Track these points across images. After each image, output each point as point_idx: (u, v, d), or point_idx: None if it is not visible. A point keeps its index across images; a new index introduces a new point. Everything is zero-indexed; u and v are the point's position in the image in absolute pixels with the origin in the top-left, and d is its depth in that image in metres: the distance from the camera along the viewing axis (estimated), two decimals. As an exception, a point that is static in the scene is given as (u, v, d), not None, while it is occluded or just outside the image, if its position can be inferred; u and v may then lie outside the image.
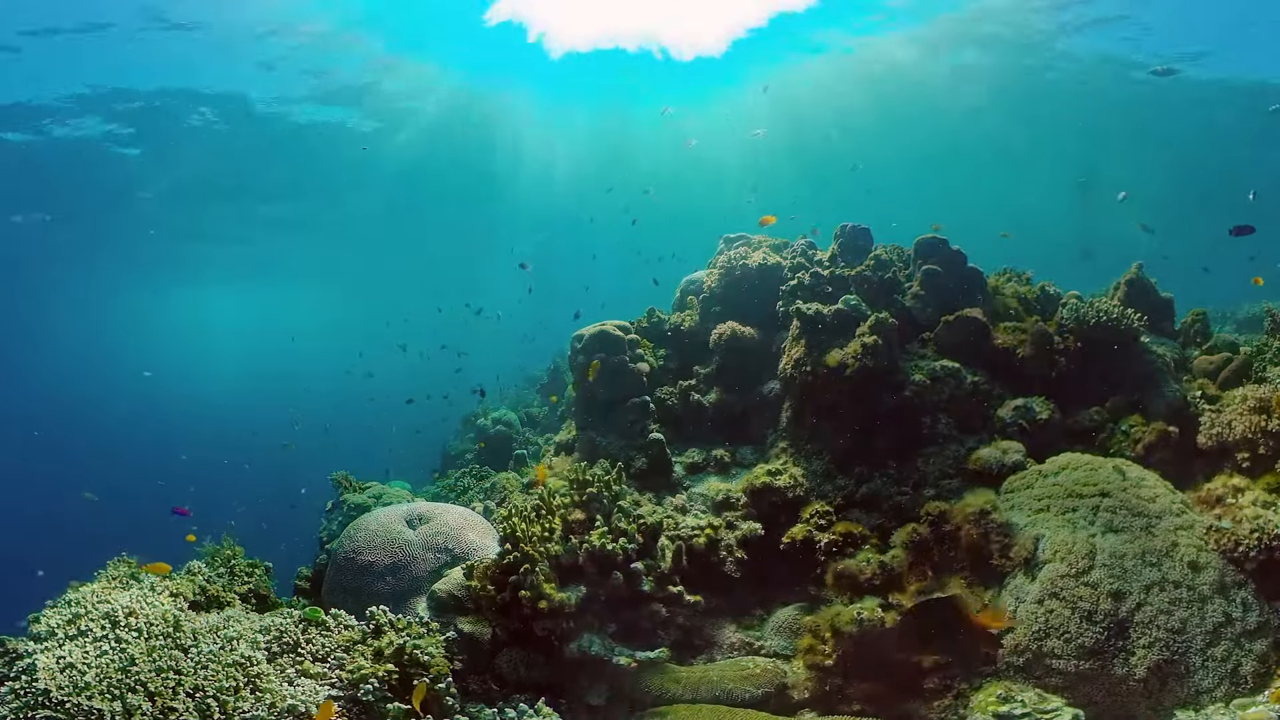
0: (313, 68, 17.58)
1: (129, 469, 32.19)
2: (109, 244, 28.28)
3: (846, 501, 6.78)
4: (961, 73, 19.77)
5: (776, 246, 8.85)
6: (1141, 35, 17.88)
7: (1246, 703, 4.80)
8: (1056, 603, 5.25)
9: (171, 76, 17.27)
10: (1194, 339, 7.93)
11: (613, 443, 7.69)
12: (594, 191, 25.65)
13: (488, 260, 33.76)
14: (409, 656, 4.65)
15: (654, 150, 23.84)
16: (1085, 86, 20.95)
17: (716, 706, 5.17)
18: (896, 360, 7.21)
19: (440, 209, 28.99)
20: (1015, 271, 8.77)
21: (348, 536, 6.28)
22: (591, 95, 20.15)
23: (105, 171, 21.63)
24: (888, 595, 5.71)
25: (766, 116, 20.97)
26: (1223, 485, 5.99)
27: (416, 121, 20.93)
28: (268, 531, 13.52)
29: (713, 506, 6.97)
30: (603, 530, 5.66)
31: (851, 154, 23.94)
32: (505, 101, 20.25)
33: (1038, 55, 19.23)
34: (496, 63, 17.88)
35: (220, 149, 20.97)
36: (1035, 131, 24.52)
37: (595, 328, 7.97)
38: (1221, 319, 13.07)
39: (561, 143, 23.46)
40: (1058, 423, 6.96)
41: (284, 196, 25.80)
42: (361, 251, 33.91)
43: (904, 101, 21.51)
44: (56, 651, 4.07)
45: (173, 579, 5.27)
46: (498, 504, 7.88)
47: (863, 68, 19.23)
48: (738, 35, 17.33)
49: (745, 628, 6.21)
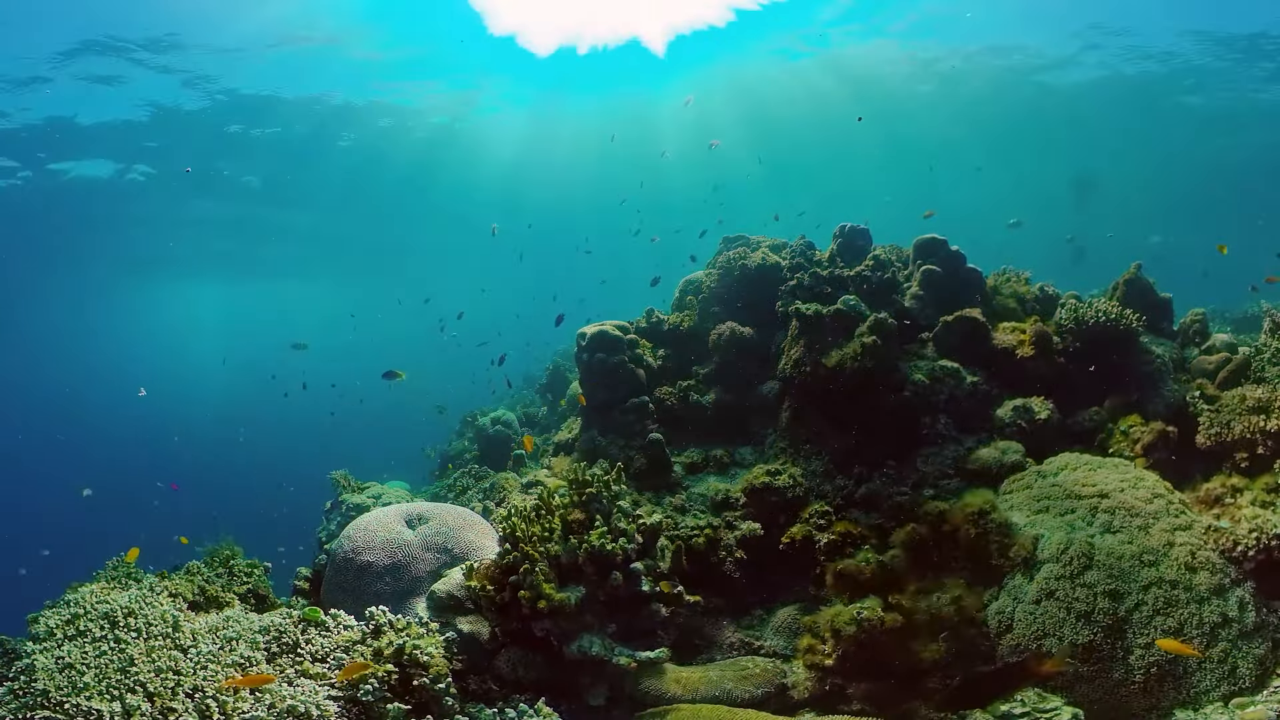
0: (305, 69, 17.61)
1: (129, 469, 32.16)
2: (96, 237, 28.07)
3: (846, 501, 6.78)
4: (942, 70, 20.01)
5: (775, 246, 8.85)
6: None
7: (1245, 702, 4.80)
8: (1054, 603, 5.25)
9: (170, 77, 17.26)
10: (1193, 339, 7.93)
11: (612, 442, 7.69)
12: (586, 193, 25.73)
13: (488, 261, 33.79)
14: (409, 657, 4.64)
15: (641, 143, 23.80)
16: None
17: (716, 706, 5.17)
18: (896, 360, 7.21)
19: (428, 208, 28.97)
20: (1014, 271, 8.78)
21: (346, 537, 6.27)
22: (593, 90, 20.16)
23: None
24: (887, 595, 5.71)
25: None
26: (1221, 485, 6.00)
27: (409, 123, 20.99)
28: (267, 531, 13.52)
29: (712, 506, 6.97)
30: (602, 530, 5.65)
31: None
32: (484, 100, 20.34)
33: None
34: (477, 61, 17.94)
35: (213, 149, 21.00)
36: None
37: (595, 328, 7.97)
38: (1220, 319, 13.07)
39: (549, 139, 23.46)
40: (1057, 423, 6.97)
41: (279, 201, 25.77)
42: (355, 252, 33.87)
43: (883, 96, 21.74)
44: (55, 652, 4.07)
45: (171, 579, 5.27)
46: (497, 504, 7.87)
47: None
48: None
49: (745, 628, 6.22)
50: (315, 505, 9.44)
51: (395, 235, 32.95)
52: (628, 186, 23.88)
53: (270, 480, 19.49)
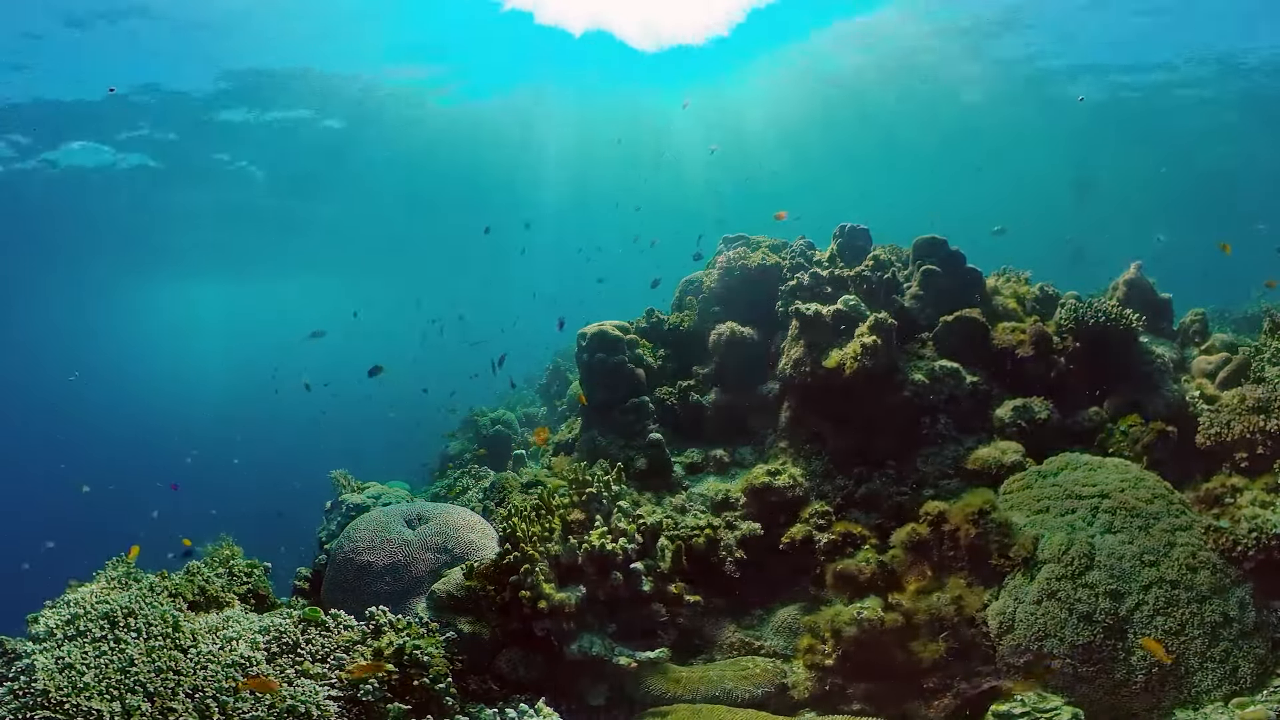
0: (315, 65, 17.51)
1: (128, 469, 32.19)
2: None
3: (846, 501, 6.78)
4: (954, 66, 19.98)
5: (775, 247, 8.84)
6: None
7: (1245, 702, 4.81)
8: (1055, 603, 5.25)
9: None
10: (1193, 339, 7.94)
11: (612, 442, 7.69)
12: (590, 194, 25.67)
13: (489, 260, 33.78)
14: (409, 657, 4.64)
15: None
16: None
17: (716, 706, 5.17)
18: (895, 360, 7.21)
19: (443, 208, 28.93)
20: (1014, 271, 8.77)
21: (347, 537, 6.27)
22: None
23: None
24: (887, 595, 5.71)
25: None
26: (1221, 485, 6.00)
27: (423, 117, 20.88)
28: (266, 531, 13.51)
29: (712, 506, 6.97)
30: (602, 530, 5.65)
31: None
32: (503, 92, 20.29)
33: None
34: (498, 53, 17.84)
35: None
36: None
37: (595, 327, 7.97)
38: (1220, 319, 13.08)
39: (560, 138, 23.46)
40: (1057, 423, 6.97)
41: (291, 193, 25.72)
42: (366, 248, 33.79)
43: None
44: (55, 652, 4.07)
45: (171, 579, 5.26)
46: (497, 504, 7.87)
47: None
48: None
49: (745, 628, 6.22)
50: (315, 505, 9.43)
51: (415, 230, 32.90)
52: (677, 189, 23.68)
53: (269, 480, 19.47)
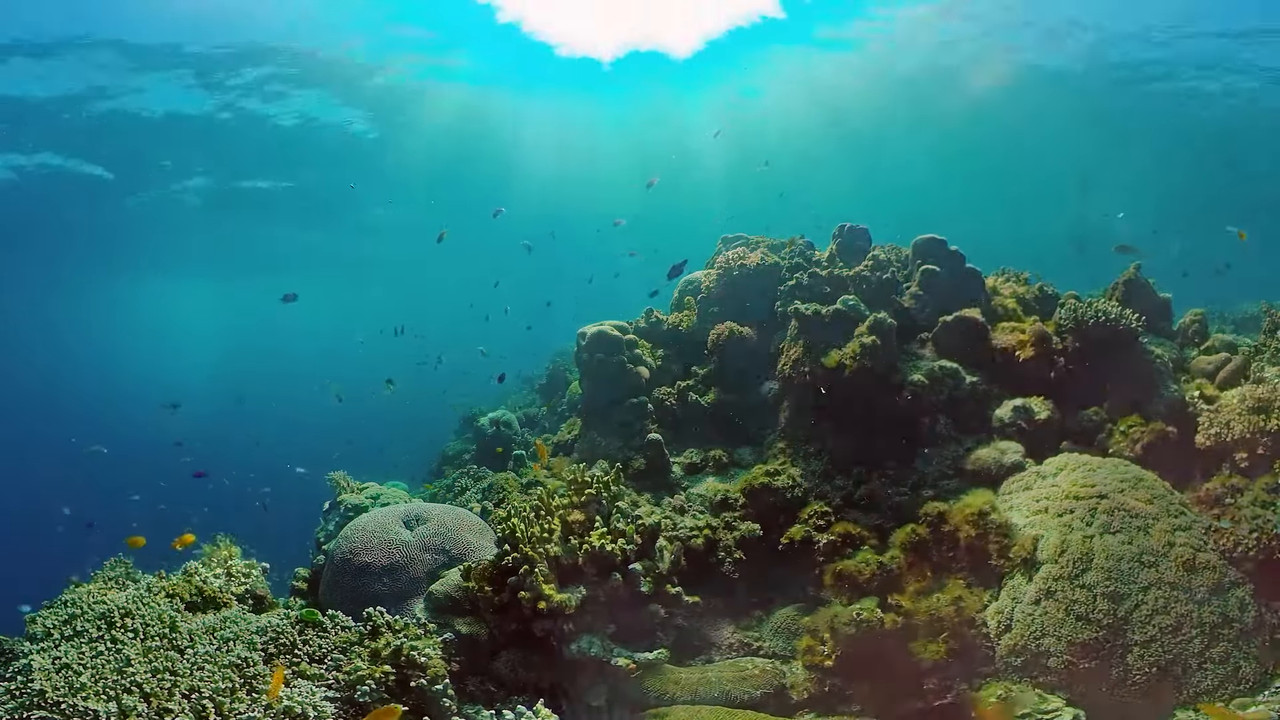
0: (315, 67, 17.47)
1: (128, 469, 32.16)
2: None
3: (845, 502, 6.77)
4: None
5: (775, 247, 8.84)
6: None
7: (1246, 703, 4.79)
8: (1053, 604, 5.24)
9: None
10: (1192, 339, 7.92)
11: (611, 443, 7.68)
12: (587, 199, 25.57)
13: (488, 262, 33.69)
14: (406, 658, 4.63)
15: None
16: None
17: (716, 708, 5.16)
18: (895, 361, 7.20)
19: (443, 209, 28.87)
20: (1014, 272, 8.77)
21: (345, 537, 6.26)
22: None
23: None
24: (887, 596, 5.70)
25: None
26: (1221, 485, 5.99)
27: (422, 120, 20.85)
28: (265, 531, 13.50)
29: (711, 507, 6.95)
30: (601, 531, 5.64)
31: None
32: (503, 101, 20.25)
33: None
34: (499, 60, 17.84)
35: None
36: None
37: (594, 328, 7.97)
38: (1220, 319, 13.07)
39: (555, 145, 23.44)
40: (1056, 423, 6.96)
41: (287, 196, 25.71)
42: (367, 249, 33.73)
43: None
44: (52, 652, 4.05)
45: (169, 579, 5.25)
46: (496, 505, 7.85)
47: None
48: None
49: (744, 628, 6.20)
50: (314, 505, 9.41)
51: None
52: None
53: (269, 480, 19.41)
